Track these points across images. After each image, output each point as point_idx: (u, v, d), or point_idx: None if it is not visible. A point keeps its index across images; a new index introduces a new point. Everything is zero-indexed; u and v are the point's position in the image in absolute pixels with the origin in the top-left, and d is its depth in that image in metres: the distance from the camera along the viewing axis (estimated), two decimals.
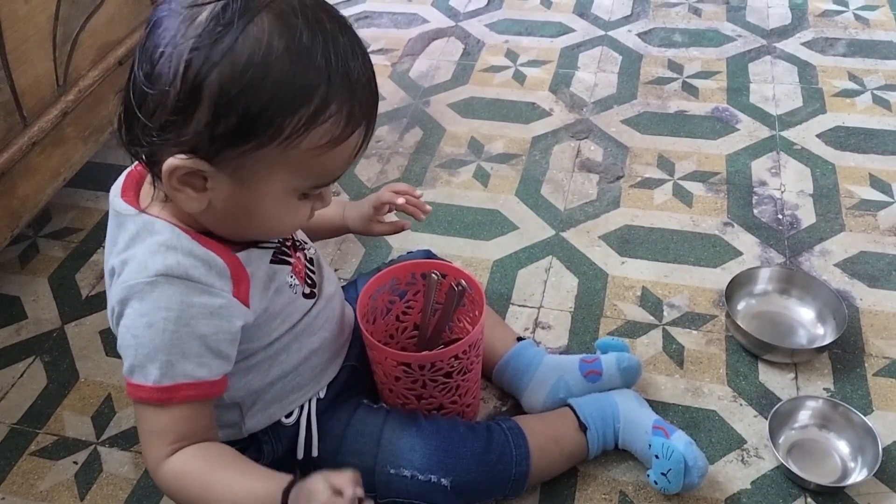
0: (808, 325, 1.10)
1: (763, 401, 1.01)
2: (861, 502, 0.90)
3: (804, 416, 0.98)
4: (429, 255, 1.08)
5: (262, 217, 0.70)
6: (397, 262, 0.98)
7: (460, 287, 0.91)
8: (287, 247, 0.80)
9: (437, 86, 1.69)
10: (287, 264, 0.79)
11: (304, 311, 0.82)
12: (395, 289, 0.96)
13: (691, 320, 1.13)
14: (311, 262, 0.85)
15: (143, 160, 0.68)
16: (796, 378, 1.04)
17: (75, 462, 1.00)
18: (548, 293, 1.19)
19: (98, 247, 1.32)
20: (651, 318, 1.14)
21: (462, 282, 0.92)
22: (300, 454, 0.86)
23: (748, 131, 1.49)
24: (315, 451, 0.86)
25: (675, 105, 1.58)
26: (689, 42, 1.78)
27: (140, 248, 0.69)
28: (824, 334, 1.08)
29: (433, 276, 0.93)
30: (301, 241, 0.85)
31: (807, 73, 1.65)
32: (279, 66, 0.61)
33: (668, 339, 1.11)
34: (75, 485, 0.97)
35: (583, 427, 0.92)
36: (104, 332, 1.16)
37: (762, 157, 1.42)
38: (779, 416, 0.96)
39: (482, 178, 1.42)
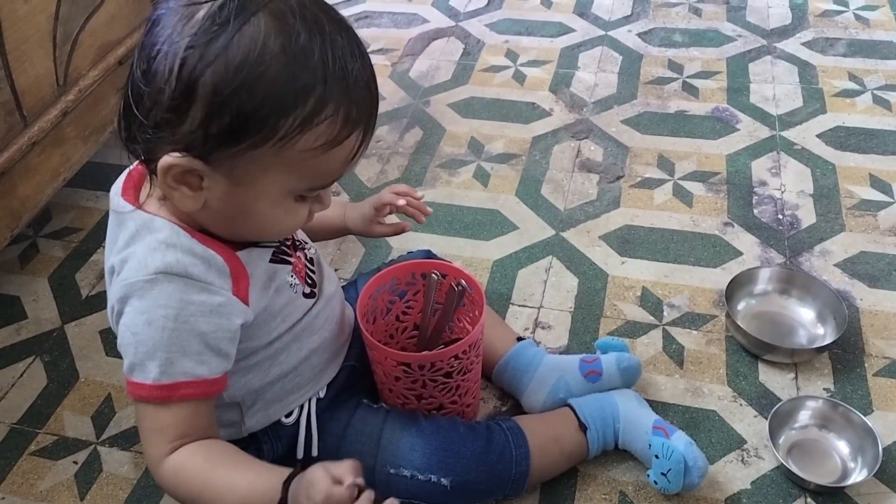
0: (809, 325, 1.10)
1: (763, 401, 1.01)
2: (861, 502, 0.90)
3: (804, 417, 0.98)
4: (429, 255, 1.08)
5: (258, 218, 0.70)
6: (397, 262, 0.98)
7: (460, 287, 0.91)
8: (287, 246, 0.80)
9: (437, 86, 1.69)
10: (287, 264, 0.79)
11: (305, 311, 0.82)
12: (395, 289, 0.96)
13: (691, 320, 1.13)
14: (311, 261, 0.85)
15: (141, 158, 0.68)
16: (796, 378, 1.04)
17: (75, 462, 1.00)
18: (548, 293, 1.19)
19: (98, 247, 1.32)
20: (651, 318, 1.14)
21: (462, 282, 0.92)
22: (300, 454, 0.86)
23: (748, 131, 1.49)
24: (315, 451, 0.86)
25: (675, 105, 1.58)
26: (690, 42, 1.78)
27: (140, 245, 0.69)
28: (824, 334, 1.08)
29: (433, 276, 0.93)
30: (301, 240, 0.85)
31: (807, 73, 1.65)
32: (274, 66, 0.61)
33: (668, 339, 1.11)
34: (75, 485, 0.97)
35: (583, 427, 0.92)
36: (104, 332, 1.16)
37: (762, 157, 1.42)
38: (779, 416, 0.96)
39: (482, 178, 1.42)
